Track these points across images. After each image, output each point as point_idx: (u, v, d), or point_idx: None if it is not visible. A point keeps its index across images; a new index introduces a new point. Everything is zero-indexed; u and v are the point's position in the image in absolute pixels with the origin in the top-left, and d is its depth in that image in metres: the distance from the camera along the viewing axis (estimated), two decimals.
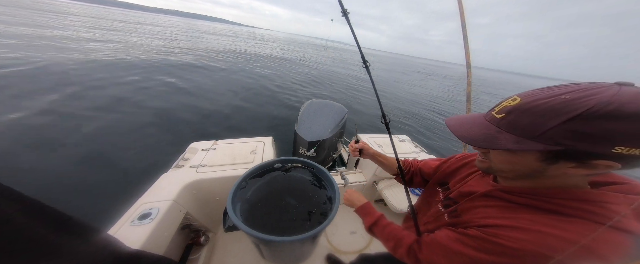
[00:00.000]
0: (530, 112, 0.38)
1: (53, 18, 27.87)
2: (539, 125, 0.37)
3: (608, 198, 0.39)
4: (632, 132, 0.31)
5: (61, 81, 5.78)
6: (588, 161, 0.36)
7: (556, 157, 0.39)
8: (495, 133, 0.43)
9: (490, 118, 0.45)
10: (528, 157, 0.42)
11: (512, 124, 0.41)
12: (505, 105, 0.43)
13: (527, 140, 0.38)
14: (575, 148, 0.35)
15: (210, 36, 32.81)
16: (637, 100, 0.31)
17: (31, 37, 11.35)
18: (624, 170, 0.37)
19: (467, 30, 1.52)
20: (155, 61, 9.80)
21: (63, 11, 50.70)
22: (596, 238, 0.37)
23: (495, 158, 0.48)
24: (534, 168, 0.42)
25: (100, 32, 17.85)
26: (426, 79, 22.93)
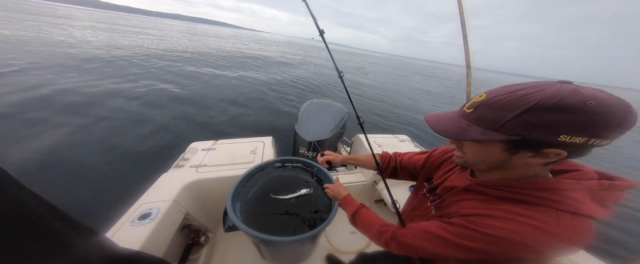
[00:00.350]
0: (492, 106, 0.43)
1: (60, 24, 27.85)
2: (500, 118, 0.42)
3: (564, 185, 0.44)
4: (571, 122, 0.36)
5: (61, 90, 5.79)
6: (541, 150, 0.41)
7: (516, 147, 0.43)
8: (466, 126, 0.47)
9: (462, 113, 0.50)
10: (494, 148, 0.46)
11: (479, 118, 0.46)
12: (474, 101, 0.47)
13: (492, 131, 0.43)
14: (529, 137, 0.40)
15: (212, 38, 32.77)
16: (574, 94, 0.36)
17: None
18: (574, 157, 0.42)
19: (467, 31, 1.52)
20: (157, 62, 9.81)
21: (67, 15, 50.69)
22: (560, 224, 0.42)
23: (469, 151, 0.53)
24: (500, 159, 0.47)
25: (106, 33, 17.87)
26: (426, 80, 22.93)
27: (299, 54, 24.22)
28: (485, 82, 45.04)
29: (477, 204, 0.53)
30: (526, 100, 0.39)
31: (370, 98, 8.93)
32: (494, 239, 0.44)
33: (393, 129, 5.79)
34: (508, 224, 0.44)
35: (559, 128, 0.37)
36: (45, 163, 2.86)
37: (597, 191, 0.45)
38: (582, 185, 0.44)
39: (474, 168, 0.57)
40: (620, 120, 0.35)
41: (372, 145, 1.97)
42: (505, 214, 0.46)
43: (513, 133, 0.41)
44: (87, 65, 7.73)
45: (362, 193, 1.91)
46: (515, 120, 0.40)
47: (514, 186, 0.48)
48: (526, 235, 0.42)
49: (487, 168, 0.53)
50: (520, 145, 0.43)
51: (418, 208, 0.74)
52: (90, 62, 8.19)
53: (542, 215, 0.43)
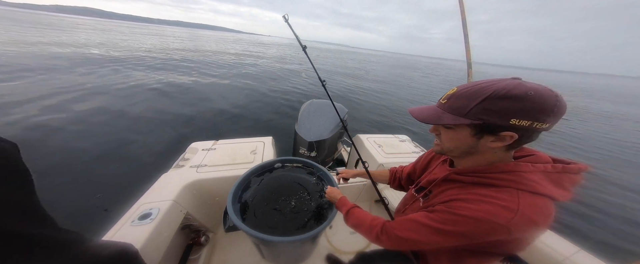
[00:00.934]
0: (460, 96, 0.52)
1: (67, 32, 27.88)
2: (466, 106, 0.50)
3: (521, 167, 0.52)
4: (517, 108, 0.44)
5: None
6: (499, 133, 0.49)
7: (481, 131, 0.51)
8: (440, 114, 0.56)
9: (438, 104, 0.58)
10: (463, 133, 0.54)
11: (451, 106, 0.54)
12: (448, 94, 0.56)
13: (460, 117, 0.51)
14: (488, 121, 0.48)
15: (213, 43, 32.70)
16: (519, 87, 0.45)
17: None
18: (526, 141, 0.50)
19: (467, 29, 1.52)
20: (159, 63, 9.81)
21: (73, 25, 50.70)
22: (520, 201, 0.48)
23: (445, 138, 0.60)
24: (470, 144, 0.55)
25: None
26: (428, 76, 22.87)
27: (296, 57, 24.24)
28: (489, 76, 44.51)
29: (455, 191, 0.60)
30: (484, 91, 0.48)
31: (371, 98, 8.93)
32: (467, 219, 0.51)
33: (394, 129, 5.79)
34: (478, 205, 0.51)
35: (509, 113, 0.45)
36: (45, 163, 2.87)
37: (552, 174, 0.52)
38: (537, 168, 0.52)
39: (450, 154, 0.64)
40: (552, 107, 0.44)
41: (372, 145, 1.97)
42: (475, 197, 0.53)
43: (476, 118, 0.49)
44: (87, 67, 7.74)
45: (362, 193, 1.91)
46: (477, 107, 0.48)
47: (482, 171, 0.56)
48: (493, 213, 0.48)
49: (461, 154, 0.60)
50: (483, 129, 0.51)
51: (409, 206, 0.80)
52: (88, 65, 8.20)
53: (505, 195, 0.50)
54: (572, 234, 2.64)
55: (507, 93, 0.45)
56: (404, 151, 1.92)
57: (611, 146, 6.54)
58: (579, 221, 2.99)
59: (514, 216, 0.47)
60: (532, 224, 0.48)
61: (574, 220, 2.97)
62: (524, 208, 0.47)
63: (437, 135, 0.63)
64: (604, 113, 12.61)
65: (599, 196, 3.59)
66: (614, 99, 21.68)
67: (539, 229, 0.50)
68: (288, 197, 1.04)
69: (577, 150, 6.00)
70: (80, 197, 2.43)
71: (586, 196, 3.44)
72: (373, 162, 1.75)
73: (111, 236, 0.90)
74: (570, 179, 0.53)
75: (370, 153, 1.82)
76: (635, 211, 3.39)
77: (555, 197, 0.50)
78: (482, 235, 0.51)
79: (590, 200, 3.41)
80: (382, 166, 1.67)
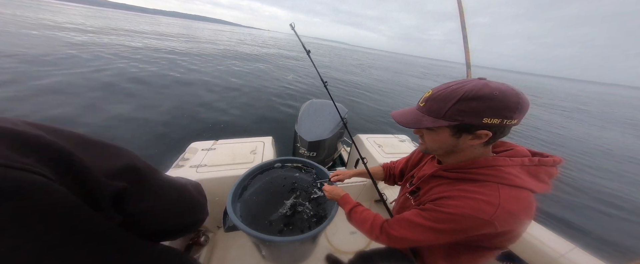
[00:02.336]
0: (436, 99, 0.54)
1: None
2: (442, 108, 0.52)
3: (499, 162, 0.55)
4: (487, 108, 0.48)
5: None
6: (475, 132, 0.52)
7: (459, 131, 0.54)
8: (420, 117, 0.58)
9: (418, 107, 0.60)
10: (444, 134, 0.56)
11: (429, 109, 0.56)
12: (425, 96, 0.58)
13: (439, 119, 0.54)
14: (464, 121, 0.51)
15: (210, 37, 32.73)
16: (485, 87, 0.48)
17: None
18: (500, 137, 0.54)
19: (467, 31, 1.52)
20: (158, 61, 9.80)
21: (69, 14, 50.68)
22: (501, 195, 0.51)
23: (427, 139, 0.62)
24: (451, 143, 0.57)
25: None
26: (425, 77, 22.89)
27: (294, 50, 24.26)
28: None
29: (442, 188, 0.63)
30: (456, 93, 0.50)
31: (371, 98, 8.93)
32: (454, 216, 0.53)
33: (394, 129, 5.80)
34: (462, 202, 0.54)
35: (481, 113, 0.48)
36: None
37: (530, 167, 0.56)
38: (515, 162, 0.55)
39: (434, 153, 0.67)
40: (516, 104, 0.47)
41: (372, 145, 1.97)
42: (460, 193, 0.56)
43: (453, 119, 0.52)
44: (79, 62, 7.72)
45: (362, 193, 1.91)
46: (452, 108, 0.51)
47: (465, 167, 0.59)
48: (476, 208, 0.51)
49: (444, 153, 0.63)
50: (461, 129, 0.53)
51: (403, 205, 0.83)
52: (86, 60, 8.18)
53: (486, 190, 0.53)
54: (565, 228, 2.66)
55: (476, 95, 0.48)
56: (404, 151, 1.92)
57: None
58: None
59: (496, 211, 0.50)
60: (513, 217, 0.51)
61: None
62: (504, 202, 0.50)
63: (420, 136, 0.66)
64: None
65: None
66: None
67: (522, 221, 0.53)
68: (288, 197, 1.04)
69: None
70: None
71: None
72: (373, 162, 1.75)
73: None
74: (546, 171, 0.57)
75: (370, 153, 1.83)
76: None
77: (533, 189, 0.53)
78: (470, 230, 0.53)
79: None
80: None
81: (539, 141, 6.95)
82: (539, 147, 6.07)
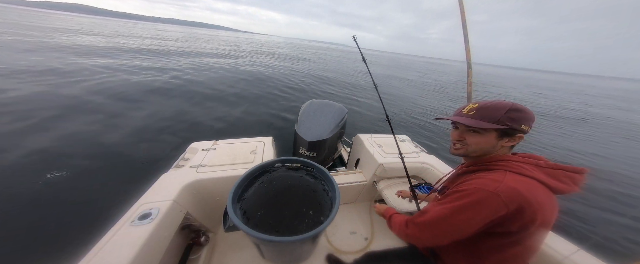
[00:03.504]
0: (488, 109, 0.70)
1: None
2: (496, 115, 0.67)
3: (511, 157, 0.70)
4: (524, 117, 0.67)
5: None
6: (515, 135, 0.69)
7: (503, 134, 0.69)
8: (477, 121, 0.70)
9: (467, 115, 0.73)
10: (490, 136, 0.70)
11: (482, 116, 0.70)
12: (472, 107, 0.73)
13: (492, 123, 0.68)
14: (512, 126, 0.66)
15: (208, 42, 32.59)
16: (519, 104, 0.68)
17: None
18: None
19: (467, 30, 1.53)
20: (157, 63, 9.79)
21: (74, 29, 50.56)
22: (506, 177, 0.63)
23: (472, 142, 0.74)
24: (493, 145, 0.71)
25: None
26: (425, 77, 22.87)
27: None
28: (487, 76, 44.39)
29: (464, 179, 0.76)
30: (504, 105, 0.68)
31: (369, 98, 8.93)
32: (466, 191, 0.65)
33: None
34: (474, 181, 0.67)
35: (521, 120, 0.66)
36: (46, 164, 2.87)
37: (546, 169, 0.66)
38: (528, 161, 0.68)
39: (473, 154, 0.77)
40: (534, 118, 0.69)
41: (372, 145, 1.96)
42: (473, 177, 0.71)
43: (503, 124, 0.66)
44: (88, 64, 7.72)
45: (362, 193, 1.91)
46: (504, 116, 0.66)
47: (483, 161, 0.73)
48: (484, 183, 0.64)
49: (481, 154, 0.75)
50: (505, 133, 0.69)
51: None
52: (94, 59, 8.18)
53: (495, 174, 0.66)
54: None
55: (518, 107, 0.67)
56: (404, 151, 1.92)
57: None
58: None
59: (499, 185, 0.60)
60: (516, 192, 0.59)
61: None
62: (508, 180, 0.61)
63: (460, 140, 0.77)
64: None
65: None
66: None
67: (529, 201, 0.58)
68: (288, 197, 1.04)
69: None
70: (79, 197, 2.43)
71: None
72: (373, 162, 1.75)
73: (111, 236, 0.90)
74: (567, 175, 0.66)
75: (370, 153, 1.82)
76: None
77: (549, 184, 0.63)
78: (482, 205, 0.61)
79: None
80: (382, 166, 1.67)
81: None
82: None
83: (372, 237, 1.69)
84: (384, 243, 1.64)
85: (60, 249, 1.86)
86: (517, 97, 16.22)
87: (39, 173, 2.67)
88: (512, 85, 27.23)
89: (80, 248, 0.84)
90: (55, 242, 1.94)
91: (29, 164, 2.81)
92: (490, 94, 17.09)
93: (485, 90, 19.49)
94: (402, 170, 1.38)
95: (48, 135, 3.49)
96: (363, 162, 1.97)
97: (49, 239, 1.97)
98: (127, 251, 0.84)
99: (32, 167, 2.77)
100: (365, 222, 1.81)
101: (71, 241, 1.91)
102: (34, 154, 3.00)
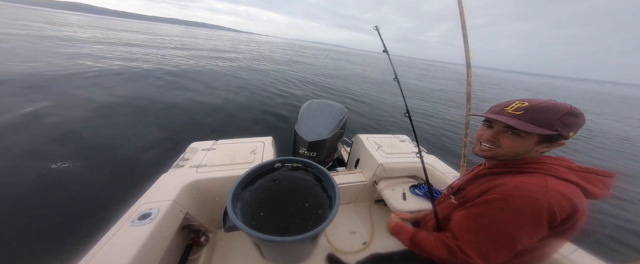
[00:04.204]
0: (541, 110, 0.60)
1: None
2: (550, 118, 0.59)
3: (545, 160, 0.64)
4: (576, 123, 0.59)
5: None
6: (557, 142, 0.62)
7: (547, 140, 0.62)
8: (526, 123, 0.61)
9: (511, 114, 0.64)
10: (530, 140, 0.63)
11: (531, 118, 0.61)
12: (518, 106, 0.64)
13: (543, 128, 0.59)
14: (561, 132, 0.59)
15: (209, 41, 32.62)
16: (577, 108, 0.59)
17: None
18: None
19: (466, 31, 1.53)
20: (157, 63, 9.79)
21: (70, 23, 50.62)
22: (548, 182, 0.57)
23: (507, 144, 0.66)
24: (527, 149, 0.64)
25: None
26: (425, 78, 22.87)
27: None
28: (487, 79, 44.47)
29: (486, 181, 0.70)
30: (561, 108, 0.59)
31: (370, 98, 8.93)
32: (508, 192, 0.59)
33: (393, 128, 5.79)
34: (513, 183, 0.60)
35: (573, 127, 0.59)
36: (46, 164, 2.86)
37: (579, 172, 0.61)
38: (562, 164, 0.63)
39: (502, 157, 0.70)
40: (584, 123, 0.61)
41: (372, 145, 1.97)
42: (509, 178, 0.63)
43: (554, 129, 0.58)
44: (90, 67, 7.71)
45: (362, 193, 1.91)
46: (559, 120, 0.58)
47: (514, 164, 0.66)
48: (527, 188, 0.57)
49: (511, 157, 0.68)
50: (550, 138, 0.61)
51: (445, 205, 0.87)
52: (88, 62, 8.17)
53: (533, 178, 0.60)
54: None
55: (575, 112, 0.59)
56: (404, 151, 1.92)
57: None
58: None
59: (547, 191, 0.55)
60: (566, 199, 0.54)
61: None
62: (552, 184, 0.56)
63: (493, 141, 0.69)
64: None
65: None
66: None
67: (576, 207, 0.54)
68: (288, 197, 1.04)
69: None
70: (80, 197, 2.43)
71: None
72: (373, 162, 1.75)
73: (111, 236, 0.90)
74: (599, 179, 0.61)
75: (370, 153, 1.82)
76: None
77: (586, 187, 0.58)
78: (536, 215, 0.54)
79: None
80: (382, 166, 1.67)
81: None
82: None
83: (372, 237, 1.69)
84: (384, 243, 1.64)
85: (60, 249, 1.86)
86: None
87: (38, 173, 2.66)
88: (510, 88, 27.30)
89: (80, 247, 0.84)
90: (55, 242, 1.94)
91: (24, 165, 2.81)
92: (491, 96, 17.09)
93: (483, 92, 19.48)
94: (402, 170, 1.38)
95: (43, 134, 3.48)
96: (363, 162, 1.97)
97: (48, 240, 1.97)
98: (127, 251, 0.84)
99: (31, 167, 2.76)
100: (365, 222, 1.81)
101: (71, 241, 1.91)
102: (32, 155, 3.00)
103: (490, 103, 2.54)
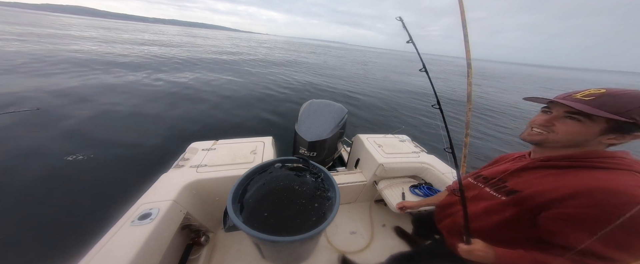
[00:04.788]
0: (616, 97, 0.54)
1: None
2: (626, 105, 0.52)
3: (616, 154, 0.57)
4: None
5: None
6: (630, 133, 0.54)
7: (614, 130, 0.54)
8: (594, 107, 0.54)
9: (578, 100, 0.58)
10: (593, 128, 0.56)
11: (603, 103, 0.54)
12: (592, 92, 0.57)
13: (614, 114, 0.52)
14: (637, 122, 0.51)
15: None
16: None
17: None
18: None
19: (467, 29, 1.52)
20: (158, 64, 9.79)
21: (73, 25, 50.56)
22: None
23: (562, 129, 0.60)
24: (587, 138, 0.57)
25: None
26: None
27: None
28: (489, 72, 43.95)
29: (552, 180, 0.60)
30: None
31: (369, 98, 8.93)
32: (595, 192, 0.51)
33: (393, 128, 5.79)
34: (609, 175, 0.53)
35: None
36: (46, 164, 2.87)
37: None
38: (625, 154, 0.57)
39: (552, 144, 0.64)
40: None
41: (372, 145, 1.96)
42: (593, 175, 0.55)
43: (630, 117, 0.51)
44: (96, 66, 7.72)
45: (362, 193, 1.91)
46: (637, 108, 0.51)
47: (576, 157, 0.59)
48: (629, 183, 0.50)
49: (563, 146, 0.62)
50: (621, 128, 0.54)
51: (469, 193, 0.81)
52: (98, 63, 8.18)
53: (625, 177, 0.52)
54: None
55: None
56: (404, 151, 1.92)
57: None
58: None
59: None
60: None
61: None
62: None
63: (547, 126, 0.63)
64: None
65: None
66: None
67: None
68: (288, 197, 1.04)
69: None
70: (80, 197, 2.44)
71: None
72: (373, 162, 1.75)
73: (111, 236, 0.90)
74: None
75: (370, 153, 1.82)
76: None
77: None
78: (611, 208, 0.49)
79: None
80: (382, 166, 1.67)
81: None
82: None
83: (372, 237, 1.69)
84: (384, 243, 1.64)
85: (60, 249, 1.86)
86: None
87: (39, 173, 2.67)
88: (519, 81, 27.05)
89: (80, 248, 0.84)
90: (55, 242, 1.94)
91: (24, 165, 2.81)
92: (496, 90, 16.98)
93: (491, 85, 19.27)
94: (402, 170, 1.38)
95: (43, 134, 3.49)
96: (363, 162, 1.97)
97: (48, 240, 1.97)
98: (127, 251, 0.84)
99: (32, 168, 2.76)
100: (365, 222, 1.81)
101: (71, 241, 1.91)
102: (32, 155, 3.00)
103: (495, 97, 2.36)
